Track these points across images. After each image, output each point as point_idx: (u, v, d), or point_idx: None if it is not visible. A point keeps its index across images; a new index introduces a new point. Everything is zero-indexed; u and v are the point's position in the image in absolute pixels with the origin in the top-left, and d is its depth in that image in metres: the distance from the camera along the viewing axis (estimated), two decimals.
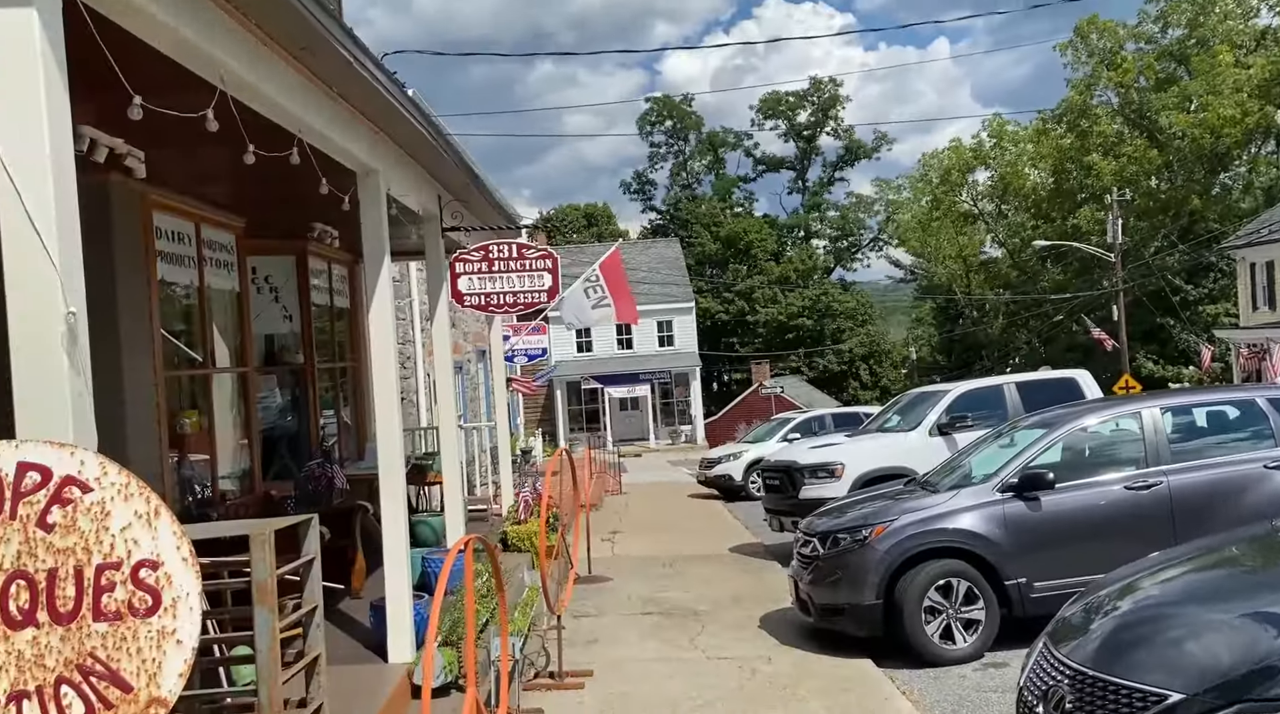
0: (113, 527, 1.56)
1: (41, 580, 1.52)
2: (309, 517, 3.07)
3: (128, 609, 1.55)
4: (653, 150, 78.61)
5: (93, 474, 1.57)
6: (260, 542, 2.67)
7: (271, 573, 2.68)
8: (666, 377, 47.87)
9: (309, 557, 3.01)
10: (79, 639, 1.53)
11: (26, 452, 1.56)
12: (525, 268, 8.88)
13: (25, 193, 2.72)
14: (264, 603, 2.64)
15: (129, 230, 6.92)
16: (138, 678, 1.54)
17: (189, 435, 8.20)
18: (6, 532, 1.53)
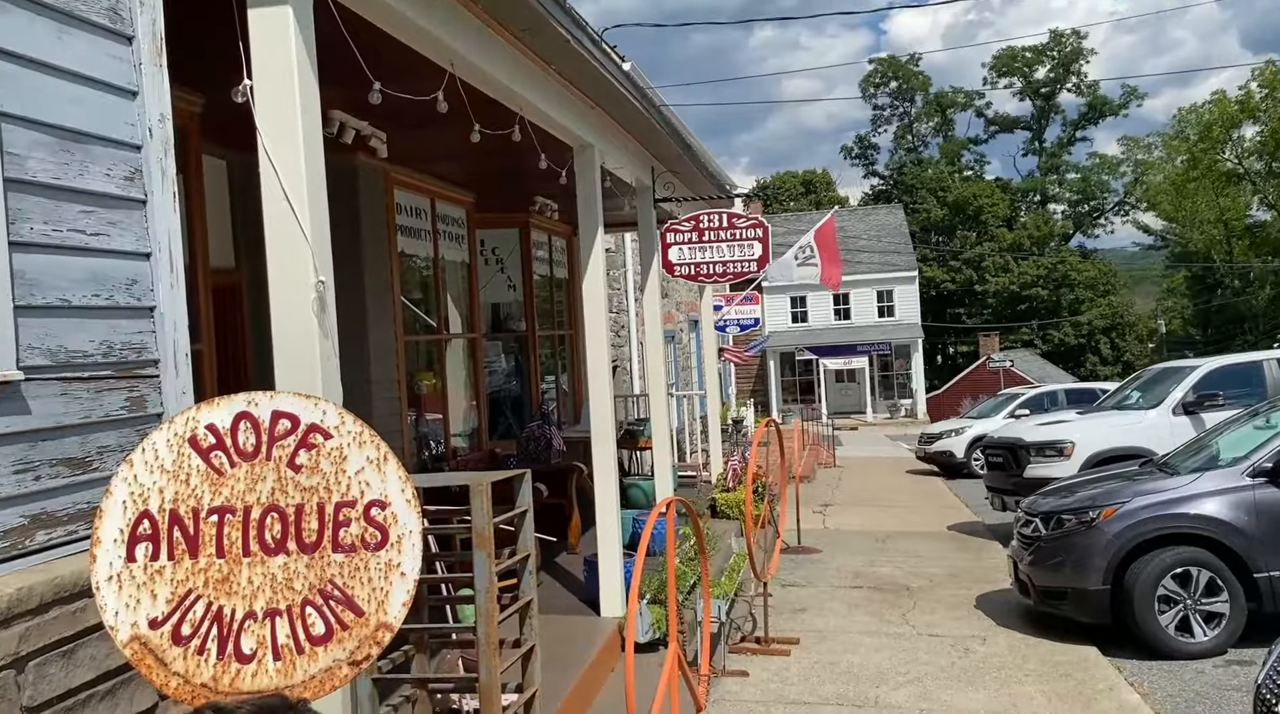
0: (349, 470, 1.76)
1: (291, 514, 1.75)
2: (523, 471, 3.29)
3: (360, 543, 1.75)
4: (876, 113, 76.06)
5: (333, 423, 1.78)
6: (479, 492, 2.90)
7: (489, 521, 2.90)
8: (886, 348, 46.52)
9: (523, 509, 3.23)
10: (321, 567, 1.74)
11: (279, 402, 1.79)
12: (735, 237, 8.93)
13: (282, 172, 3.05)
14: (482, 548, 2.87)
15: (374, 206, 7.53)
16: (368, 604, 1.74)
17: (425, 396, 8.86)
18: (264, 470, 1.76)
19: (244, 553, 1.73)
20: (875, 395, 46.85)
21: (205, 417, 1.77)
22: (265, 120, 3.06)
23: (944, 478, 20.66)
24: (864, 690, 6.49)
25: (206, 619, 1.71)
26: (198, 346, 5.58)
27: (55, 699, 2.10)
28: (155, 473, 1.75)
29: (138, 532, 1.75)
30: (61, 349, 2.34)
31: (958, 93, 75.30)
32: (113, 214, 2.49)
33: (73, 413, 2.35)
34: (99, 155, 2.46)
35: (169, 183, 2.64)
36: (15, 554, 2.18)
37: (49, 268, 2.31)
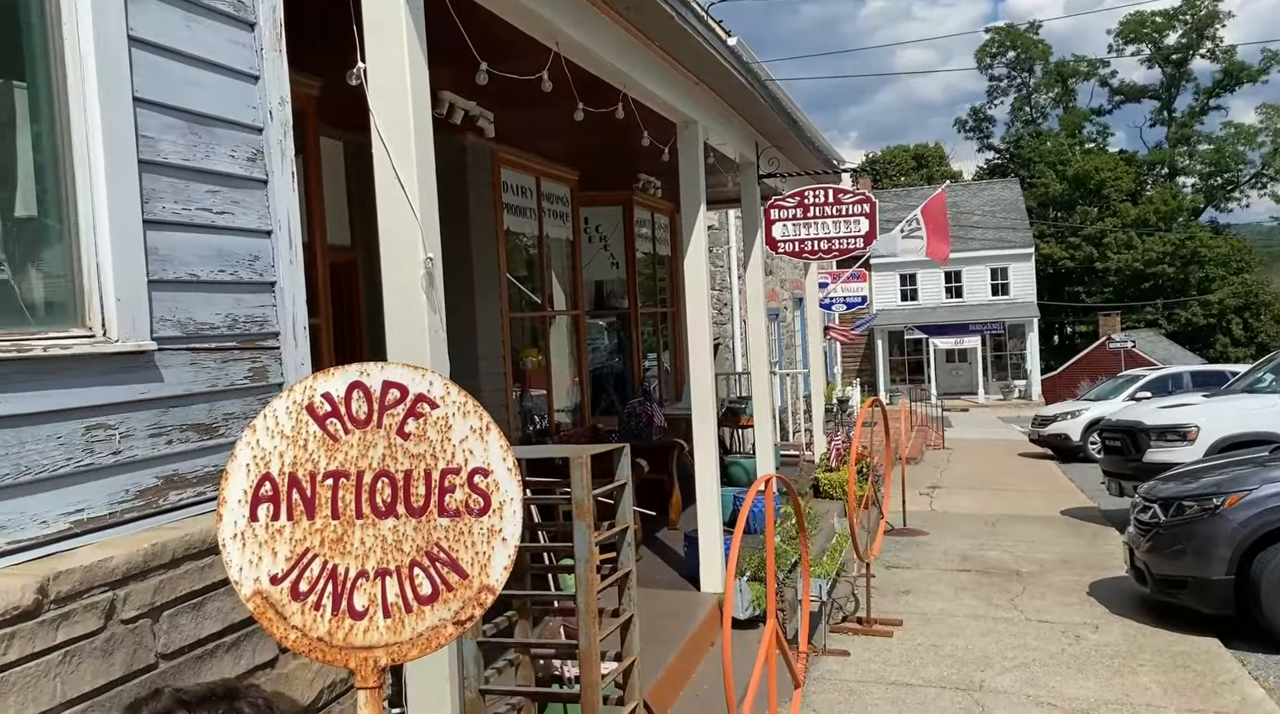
0: (453, 438, 1.83)
1: (400, 479, 1.83)
2: (623, 446, 3.34)
3: (464, 508, 1.82)
4: (992, 84, 73.37)
5: (439, 393, 1.85)
6: (579, 464, 2.96)
7: (588, 492, 2.96)
8: (999, 327, 45.07)
9: (621, 482, 3.28)
10: (428, 530, 1.82)
11: (389, 372, 1.87)
12: (841, 213, 8.78)
13: (393, 152, 3.15)
14: (582, 518, 2.94)
15: (480, 185, 7.69)
16: (472, 567, 1.81)
17: (529, 372, 9.04)
18: (375, 437, 1.85)
19: (357, 515, 1.82)
20: (987, 376, 45.52)
21: (322, 386, 1.87)
22: (378, 102, 3.16)
23: (1058, 462, 20.01)
24: (968, 674, 6.38)
25: (323, 577, 1.81)
26: (315, 321, 5.81)
27: (186, 648, 2.25)
28: (276, 438, 1.85)
29: (260, 493, 1.85)
30: (190, 321, 2.49)
31: (1080, 61, 72.05)
32: (236, 193, 2.62)
33: (201, 381, 2.50)
34: (223, 137, 2.59)
35: (288, 163, 2.77)
36: (150, 512, 2.35)
37: (179, 244, 2.46)
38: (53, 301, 2.28)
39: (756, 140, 8.92)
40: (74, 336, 2.20)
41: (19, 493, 2.10)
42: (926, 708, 5.83)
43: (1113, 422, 13.27)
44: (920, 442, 22.32)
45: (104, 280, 2.23)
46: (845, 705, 5.95)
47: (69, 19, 2.25)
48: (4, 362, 2.05)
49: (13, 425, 2.09)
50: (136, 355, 2.29)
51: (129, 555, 2.11)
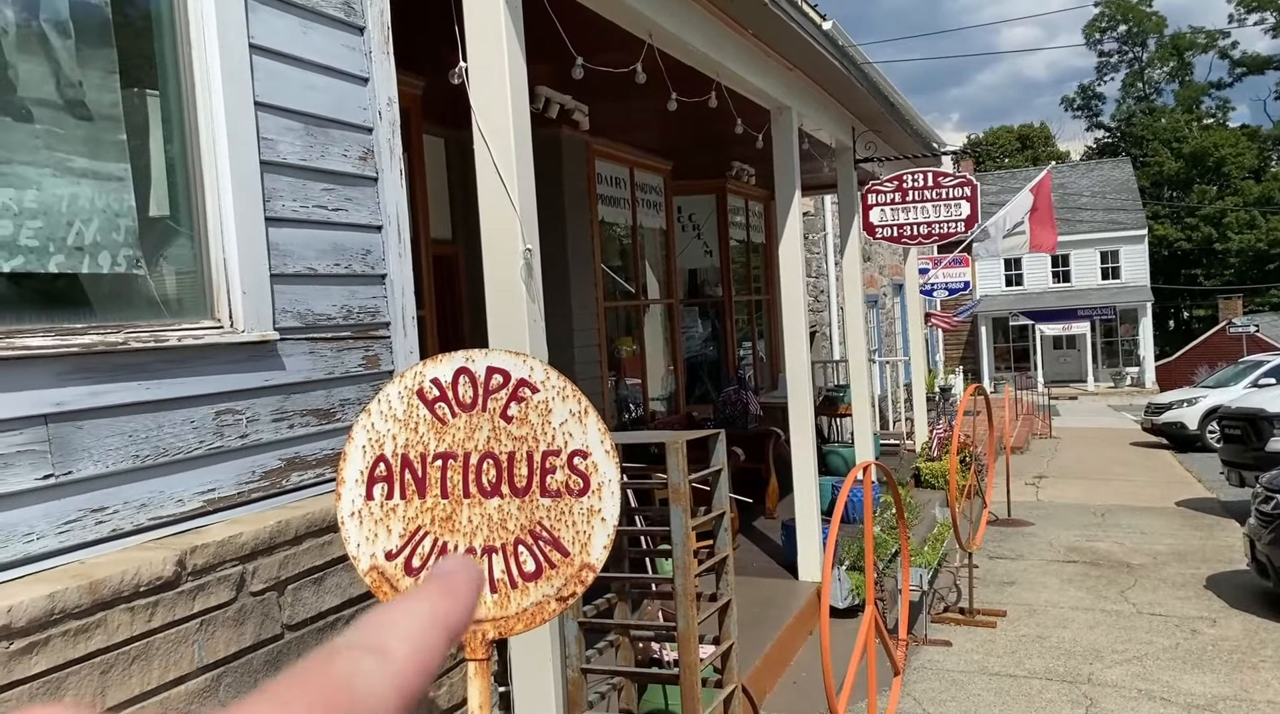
0: (553, 421, 1.90)
1: (504, 460, 1.91)
2: (718, 431, 3.38)
3: (565, 489, 1.89)
4: (1101, 60, 70.47)
5: (539, 378, 1.92)
6: (674, 449, 3.02)
7: (684, 477, 3.01)
8: (1110, 312, 43.39)
9: (717, 467, 3.32)
10: (530, 510, 1.90)
11: (492, 358, 1.95)
12: (941, 197, 8.61)
13: (493, 147, 3.26)
14: (678, 503, 2.99)
15: (576, 177, 7.80)
16: (573, 545, 1.88)
17: (624, 360, 9.14)
18: (480, 421, 1.93)
19: (464, 495, 1.91)
20: (1097, 363, 43.92)
21: (430, 372, 1.96)
22: (478, 99, 3.27)
23: (1174, 451, 19.24)
24: (1075, 666, 6.23)
25: (434, 553, 1.91)
26: (421, 312, 6.01)
27: (309, 620, 2.40)
28: (389, 421, 1.96)
29: (375, 473, 1.96)
30: (309, 312, 2.63)
31: (1197, 33, 68.64)
32: (349, 191, 2.76)
33: (319, 369, 2.65)
34: (336, 138, 2.73)
35: (396, 161, 2.89)
36: (275, 492, 2.50)
37: (297, 240, 2.61)
38: (184, 295, 2.44)
39: (852, 124, 8.81)
40: (205, 327, 2.36)
41: (158, 473, 2.27)
42: (1032, 700, 5.72)
43: (1233, 409, 12.70)
44: (1026, 430, 21.73)
45: (230, 275, 2.39)
46: (947, 695, 5.88)
47: (196, 30, 2.40)
48: (143, 351, 2.21)
49: (151, 411, 2.26)
50: (261, 345, 2.44)
51: (256, 532, 2.26)
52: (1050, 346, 44.51)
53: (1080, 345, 44.16)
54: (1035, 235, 11.33)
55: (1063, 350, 44.93)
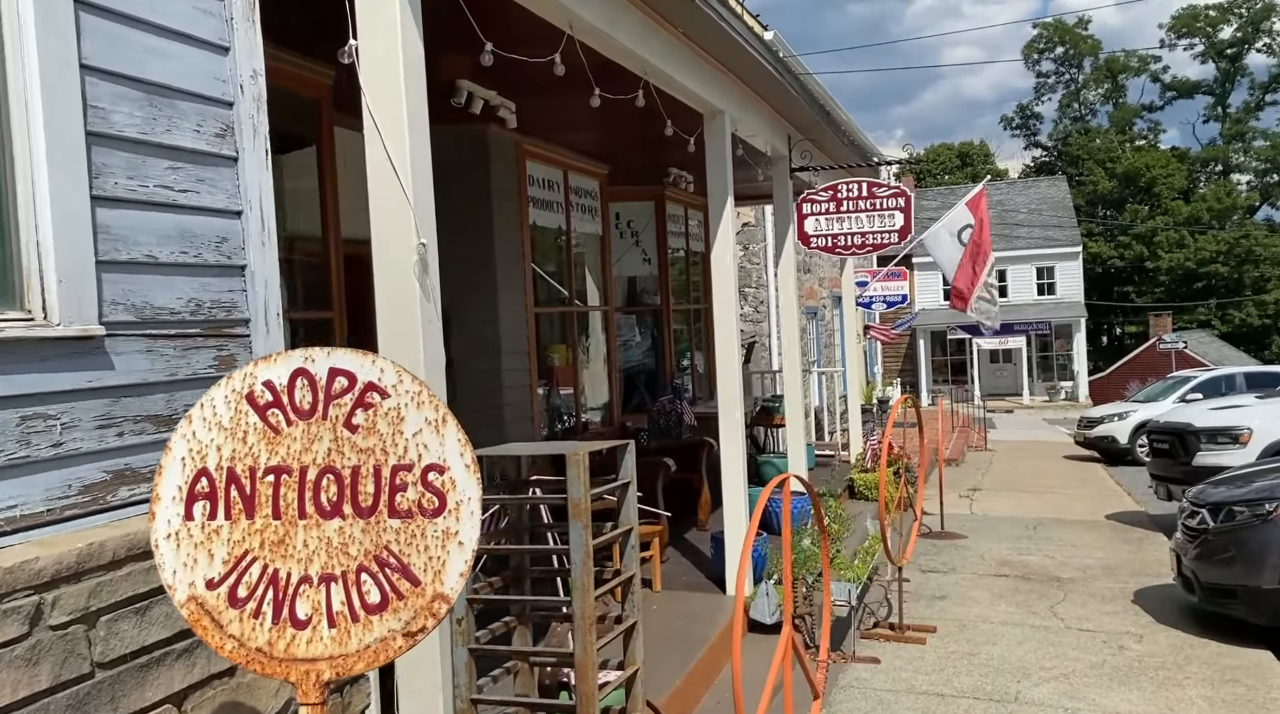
0: (406, 431, 1.68)
1: (347, 476, 1.68)
2: (627, 442, 3.16)
3: (417, 508, 1.66)
4: (1039, 81, 72.03)
5: (390, 382, 1.69)
6: (574, 462, 2.79)
7: (585, 491, 2.79)
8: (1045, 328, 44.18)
9: (625, 480, 3.11)
10: (377, 532, 1.67)
11: (337, 358, 1.71)
12: (875, 207, 8.53)
13: (385, 131, 3.01)
14: (578, 519, 2.77)
15: (505, 177, 7.55)
16: (425, 573, 1.65)
17: (557, 368, 8.90)
18: (320, 430, 1.69)
19: (300, 515, 1.67)
20: (1033, 377, 44.71)
21: (263, 373, 1.72)
22: (370, 80, 3.03)
23: (1105, 465, 19.51)
24: (1004, 684, 6.12)
25: (262, 582, 1.66)
26: (328, 314, 5.72)
27: (129, 655, 2.11)
28: (213, 430, 1.71)
29: (196, 489, 1.71)
30: (147, 305, 2.35)
31: (1130, 56, 70.55)
32: (202, 171, 2.49)
33: (158, 370, 2.37)
34: (187, 111, 2.46)
35: (261, 140, 2.63)
36: (97, 509, 2.21)
37: (134, 223, 2.32)
38: None
39: (789, 133, 8.70)
40: (8, 319, 2.07)
41: None
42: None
43: (1161, 424, 12.85)
44: (962, 443, 21.89)
45: (44, 260, 2.10)
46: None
47: None
48: None
49: None
50: (82, 341, 2.16)
51: (59, 556, 1.98)
52: (987, 360, 45.21)
53: (1016, 359, 44.93)
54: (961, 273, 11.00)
55: (999, 364, 45.66)
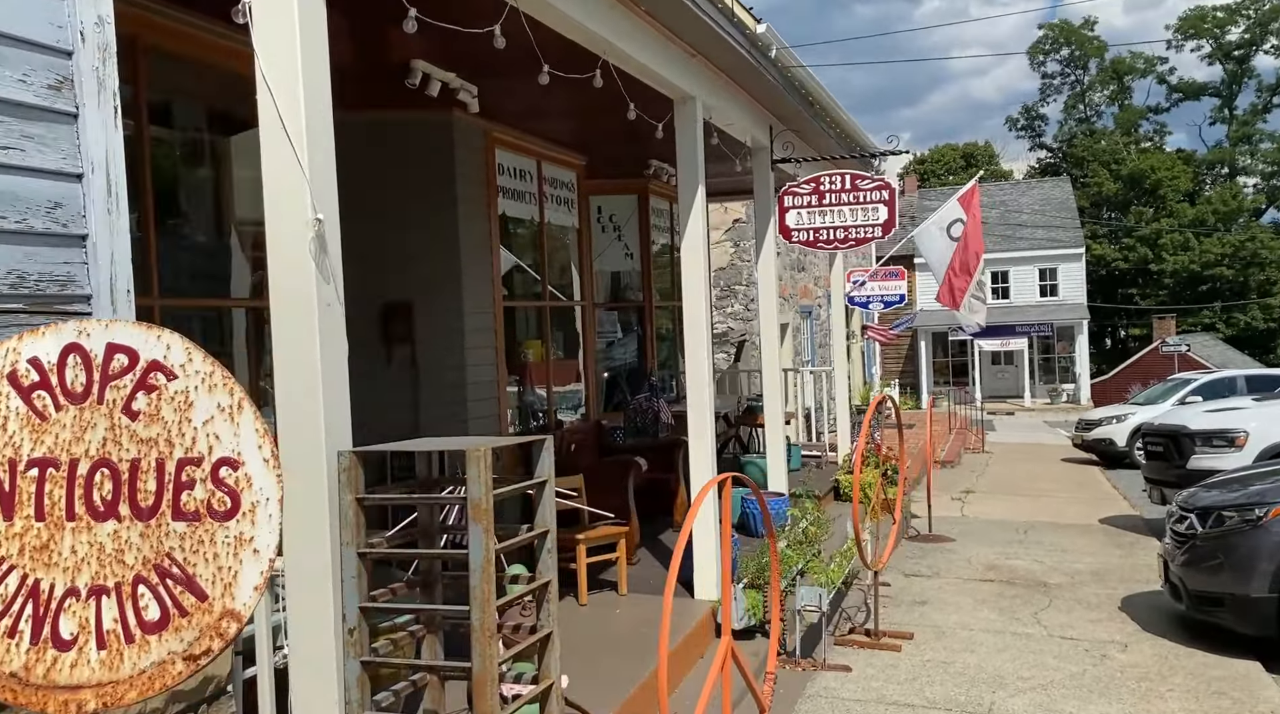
0: (195, 419, 1.44)
1: (125, 471, 1.44)
2: (543, 437, 2.92)
3: (206, 510, 1.42)
4: (1045, 82, 71.67)
5: (178, 360, 1.46)
6: (475, 458, 2.55)
7: (486, 492, 2.54)
8: (1047, 329, 43.89)
9: (540, 479, 2.86)
10: (158, 538, 1.43)
11: (115, 332, 1.48)
12: (858, 200, 8.27)
13: (278, 92, 2.77)
14: (477, 521, 2.52)
15: (471, 165, 7.31)
16: (213, 586, 1.41)
17: (530, 364, 8.65)
18: (94, 416, 1.46)
19: (68, 516, 1.43)
20: (1034, 379, 44.41)
21: (28, 348, 1.48)
22: (260, 33, 2.79)
23: (1103, 467, 19.24)
24: (978, 695, 5.87)
25: (20, 595, 1.43)
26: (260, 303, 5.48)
27: None
28: None
29: None
30: None
31: (1137, 58, 70.16)
32: (29, 127, 2.25)
33: None
34: (10, 58, 2.21)
35: (109, 96, 2.38)
36: None
37: None
38: None
39: (770, 123, 8.45)
40: None
41: None
42: None
43: (1156, 426, 12.56)
44: (959, 445, 21.62)
45: None
46: None
47: None
48: None
49: None
50: None
51: None
52: (989, 362, 44.93)
53: (1018, 361, 44.64)
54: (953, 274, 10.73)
55: (1001, 366, 45.37)
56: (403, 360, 6.90)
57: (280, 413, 2.80)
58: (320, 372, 2.76)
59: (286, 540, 2.84)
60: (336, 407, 2.81)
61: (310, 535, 2.72)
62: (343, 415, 2.83)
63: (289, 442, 2.75)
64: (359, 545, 2.63)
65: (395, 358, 6.89)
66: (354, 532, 2.63)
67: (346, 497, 2.64)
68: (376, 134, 6.89)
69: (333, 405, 2.80)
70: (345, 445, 2.79)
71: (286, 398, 2.78)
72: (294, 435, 2.76)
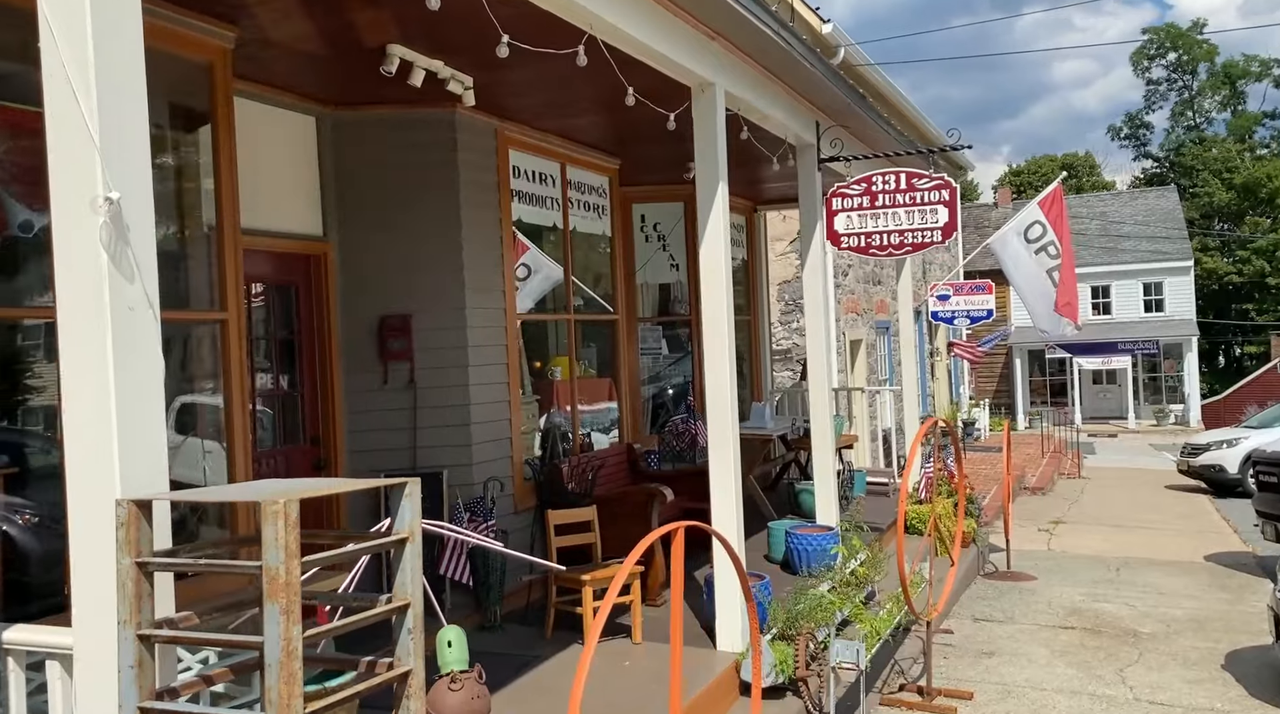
0: None
1: None
2: (402, 481, 2.23)
3: None
4: (1149, 89, 68.51)
5: None
6: (273, 515, 1.88)
7: (286, 558, 1.88)
8: (1153, 347, 41.45)
9: (399, 536, 2.19)
10: None
11: None
12: (915, 201, 7.41)
13: (62, 39, 2.18)
14: (274, 599, 1.86)
15: (478, 168, 6.74)
16: None
17: (557, 383, 8.01)
18: None
19: None
20: (1139, 399, 42.03)
21: None
22: None
23: (1212, 496, 17.68)
24: None
25: None
26: (219, 315, 4.95)
27: None
28: None
29: None
30: None
31: (1251, 61, 66.58)
32: None
33: None
34: None
35: None
36: None
37: None
38: None
39: (816, 119, 7.67)
40: None
41: None
42: None
43: (1268, 454, 11.26)
44: (1051, 470, 20.25)
45: None
46: None
47: None
48: None
49: None
50: None
51: None
52: (1090, 381, 42.80)
53: (1121, 380, 42.40)
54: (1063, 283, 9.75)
55: (1103, 385, 43.19)
56: (399, 379, 6.33)
57: (68, 449, 2.20)
58: (114, 395, 2.16)
59: (76, 615, 2.23)
60: (138, 441, 2.19)
61: (96, 610, 2.11)
62: (150, 453, 2.21)
63: (74, 487, 2.16)
64: (138, 625, 2.00)
65: (391, 376, 6.33)
66: (132, 607, 2.00)
67: (125, 560, 2.02)
68: (373, 134, 6.37)
69: (133, 439, 2.18)
70: (149, 492, 2.17)
71: (73, 430, 2.18)
72: (80, 479, 2.16)
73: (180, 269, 4.69)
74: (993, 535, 10.90)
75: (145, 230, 2.27)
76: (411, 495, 2.22)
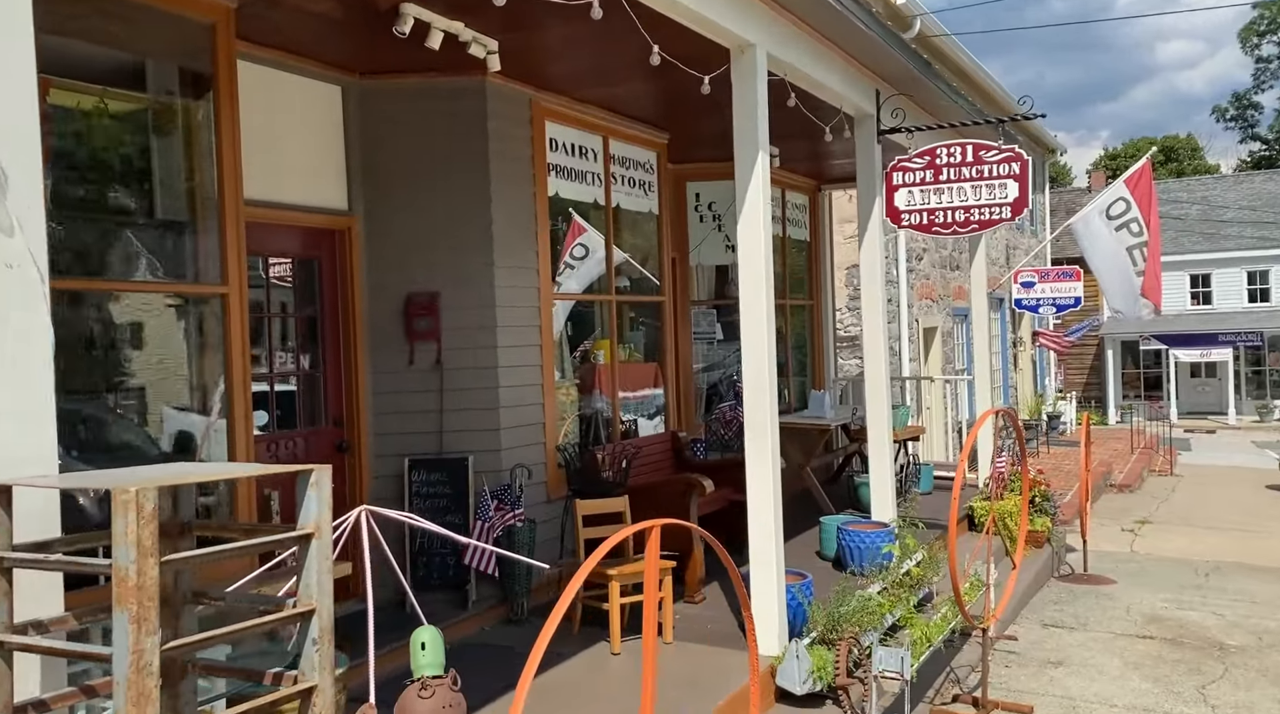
0: None
1: None
2: (309, 467, 1.93)
3: None
4: (1259, 67, 64.97)
5: None
6: (124, 505, 1.60)
7: (146, 555, 1.59)
8: (1257, 339, 39.26)
9: (304, 531, 1.89)
10: None
11: None
12: (982, 175, 6.87)
13: None
14: (123, 604, 1.58)
15: (511, 140, 6.44)
16: None
17: (600, 367, 7.70)
18: None
19: None
20: (1240, 394, 39.92)
21: None
22: None
23: None
24: None
25: None
26: (220, 289, 4.75)
27: None
28: None
29: None
30: None
31: None
32: None
33: None
34: None
35: None
36: None
37: None
38: None
39: (876, 87, 7.18)
40: None
41: None
42: None
43: None
44: (1140, 466, 19.22)
45: None
46: None
47: None
48: None
49: None
50: None
51: None
52: (1187, 374, 40.84)
53: (1221, 374, 40.34)
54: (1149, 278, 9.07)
55: (1201, 378, 41.18)
56: (425, 360, 6.09)
57: None
58: None
59: None
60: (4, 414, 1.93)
61: None
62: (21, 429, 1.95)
63: None
64: None
65: (417, 357, 6.09)
66: None
67: None
68: (400, 105, 6.13)
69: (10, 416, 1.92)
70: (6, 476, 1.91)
71: None
72: None
73: (178, 241, 4.50)
74: (1070, 535, 10.27)
75: (29, 180, 2.01)
76: (319, 484, 1.92)
